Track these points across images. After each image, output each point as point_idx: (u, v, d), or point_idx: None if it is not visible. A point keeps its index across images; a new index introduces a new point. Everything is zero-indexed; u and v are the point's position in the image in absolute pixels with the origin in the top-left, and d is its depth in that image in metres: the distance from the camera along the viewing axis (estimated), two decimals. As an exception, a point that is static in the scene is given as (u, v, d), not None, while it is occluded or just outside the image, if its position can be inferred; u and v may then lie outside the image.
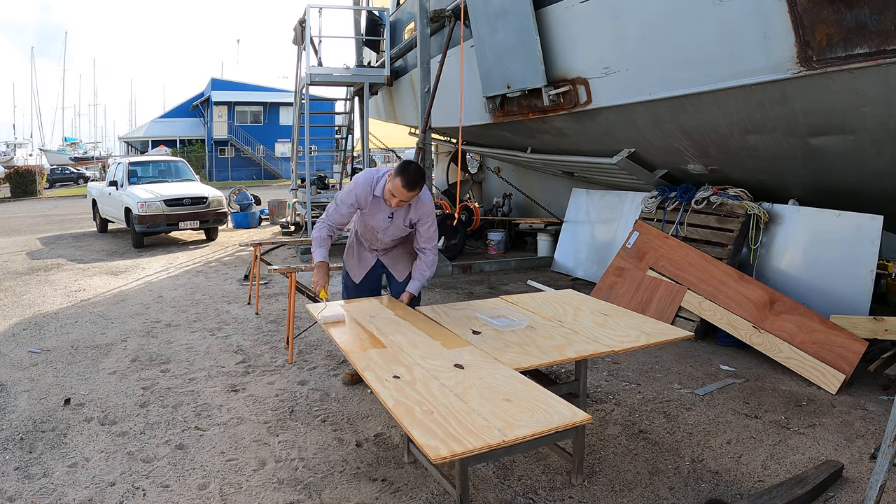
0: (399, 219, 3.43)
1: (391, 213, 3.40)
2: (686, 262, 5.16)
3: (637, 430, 3.37)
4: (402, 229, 3.48)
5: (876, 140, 4.13)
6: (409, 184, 3.13)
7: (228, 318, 5.79)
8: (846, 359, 3.98)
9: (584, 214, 7.68)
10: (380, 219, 3.43)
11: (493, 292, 6.66)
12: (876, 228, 4.63)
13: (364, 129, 10.67)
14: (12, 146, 53.53)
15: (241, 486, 2.84)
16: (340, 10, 15.52)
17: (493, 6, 6.12)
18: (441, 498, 2.72)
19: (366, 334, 2.94)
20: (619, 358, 4.52)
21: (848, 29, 3.55)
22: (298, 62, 11.30)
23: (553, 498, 2.72)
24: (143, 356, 4.70)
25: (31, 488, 2.84)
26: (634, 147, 6.04)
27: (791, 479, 2.75)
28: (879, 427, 3.38)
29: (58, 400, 3.86)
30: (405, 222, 3.45)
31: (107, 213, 12.24)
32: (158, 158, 13.46)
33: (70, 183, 35.83)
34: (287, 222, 12.06)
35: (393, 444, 3.21)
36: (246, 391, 3.98)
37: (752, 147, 4.92)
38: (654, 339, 2.90)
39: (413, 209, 3.40)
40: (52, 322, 5.73)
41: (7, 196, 25.80)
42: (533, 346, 2.77)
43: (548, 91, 5.78)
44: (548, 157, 7.50)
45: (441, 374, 2.43)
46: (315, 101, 16.25)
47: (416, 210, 3.40)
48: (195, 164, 25.64)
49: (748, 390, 3.94)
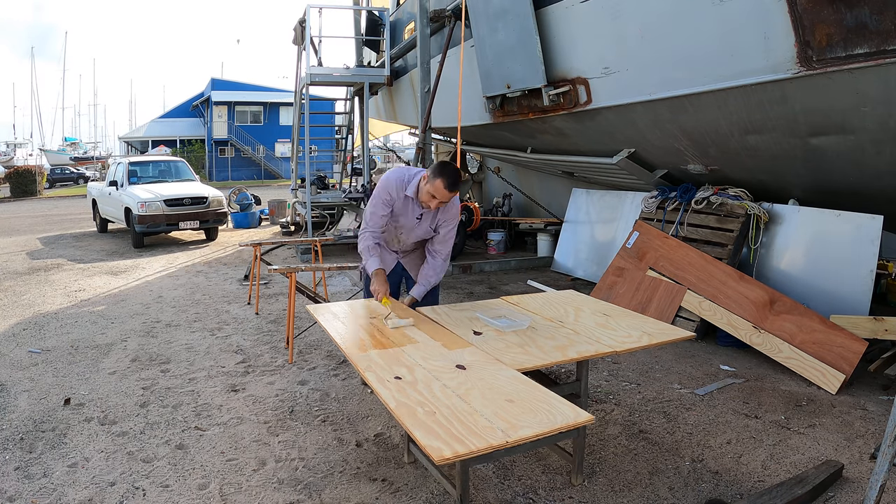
0: (426, 221, 3.40)
1: (420, 214, 3.38)
2: (686, 262, 5.16)
3: (637, 430, 3.37)
4: (427, 231, 3.44)
5: (876, 140, 4.13)
6: (452, 184, 3.13)
7: (228, 318, 5.79)
8: (846, 359, 3.98)
9: (584, 214, 7.68)
10: (408, 219, 3.40)
11: (493, 292, 6.66)
12: (876, 228, 4.63)
13: (364, 129, 10.66)
14: (12, 146, 53.50)
15: (241, 486, 2.84)
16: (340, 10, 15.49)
17: (493, 6, 6.12)
18: (441, 498, 2.72)
19: (367, 335, 2.94)
20: (619, 358, 4.52)
21: (848, 29, 3.55)
22: (298, 62, 11.30)
23: (553, 498, 2.72)
24: (143, 356, 4.70)
25: (31, 488, 2.84)
26: (634, 147, 6.04)
27: (791, 479, 2.75)
28: (879, 427, 3.39)
29: (58, 400, 3.86)
30: (432, 224, 3.42)
31: (107, 213, 12.24)
32: (158, 158, 13.46)
33: (70, 183, 35.82)
34: (287, 222, 12.05)
35: (393, 444, 3.21)
36: (246, 391, 3.98)
37: (752, 147, 4.92)
38: (655, 339, 2.90)
39: (443, 211, 3.36)
40: (52, 322, 5.73)
41: (7, 196, 25.79)
42: (534, 347, 2.77)
43: (548, 91, 5.78)
44: (548, 157, 7.50)
45: (443, 374, 2.43)
46: (315, 101, 16.26)
47: (444, 213, 3.37)
48: (195, 164, 25.60)
49: (748, 390, 3.94)
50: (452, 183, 3.13)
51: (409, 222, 3.41)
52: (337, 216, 10.88)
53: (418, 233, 3.44)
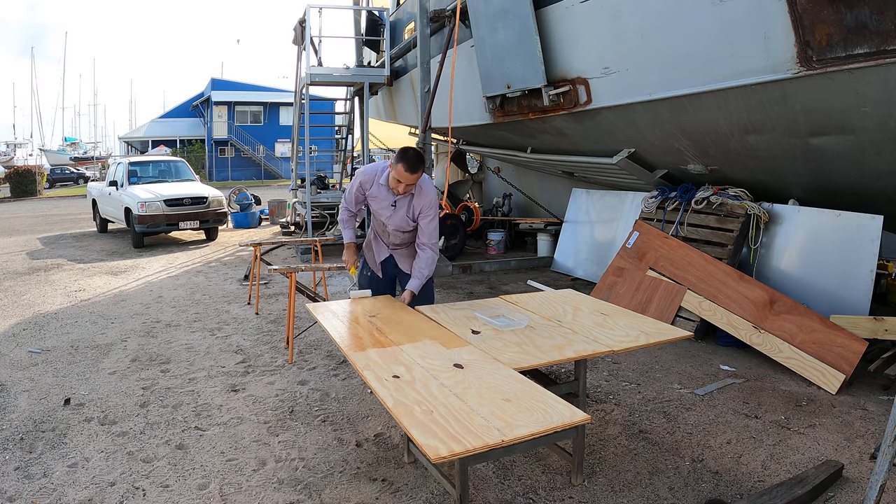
0: (402, 208, 3.54)
1: (394, 202, 3.54)
2: (686, 262, 5.16)
3: (637, 430, 3.37)
4: (405, 221, 3.58)
5: (876, 140, 4.13)
6: (411, 166, 3.29)
7: (228, 318, 5.79)
8: (846, 359, 3.98)
9: (584, 214, 7.68)
10: (384, 206, 3.58)
11: (492, 292, 6.65)
12: (876, 228, 4.63)
13: (364, 129, 10.67)
14: (12, 146, 53.53)
15: (241, 486, 2.84)
16: (340, 10, 15.52)
17: (493, 6, 6.12)
18: (441, 498, 2.72)
19: (365, 334, 2.94)
20: (619, 358, 4.51)
21: (848, 29, 3.55)
22: (298, 62, 11.30)
23: (553, 498, 2.72)
24: (143, 356, 4.70)
25: (31, 488, 2.84)
26: (634, 147, 6.04)
27: (791, 479, 2.75)
28: (879, 427, 3.38)
29: (58, 400, 3.86)
30: (408, 213, 3.55)
31: (107, 213, 12.25)
32: (158, 158, 13.46)
33: (70, 183, 35.84)
34: (287, 222, 12.06)
35: (393, 444, 3.21)
36: (246, 391, 3.98)
37: (752, 147, 4.92)
38: (653, 338, 2.90)
39: (416, 198, 3.51)
40: (52, 322, 5.73)
41: (7, 196, 25.81)
42: (532, 346, 2.77)
43: (548, 91, 5.78)
44: (548, 157, 7.50)
45: (440, 373, 2.43)
46: (315, 101, 16.25)
47: (419, 200, 3.51)
48: (195, 164, 25.62)
49: (748, 390, 3.94)
50: (411, 165, 3.29)
51: (386, 210, 3.58)
52: (337, 216, 10.88)
53: (397, 221, 3.57)
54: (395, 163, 3.33)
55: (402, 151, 3.38)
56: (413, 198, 3.51)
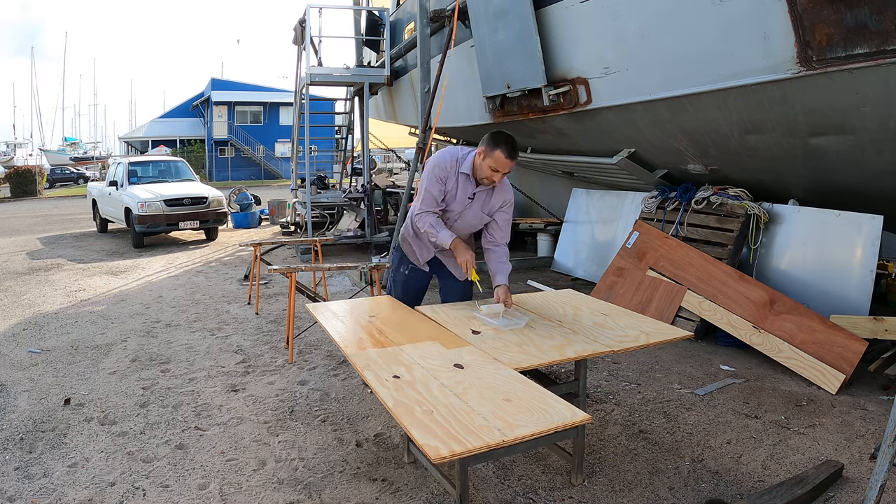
0: (479, 202, 3.21)
1: (473, 194, 3.18)
2: (686, 262, 5.16)
3: (637, 430, 3.37)
4: (478, 216, 3.27)
5: (876, 140, 4.13)
6: (512, 152, 2.99)
7: (228, 318, 5.79)
8: (846, 359, 3.98)
9: (584, 214, 7.68)
10: (459, 200, 3.20)
11: (492, 292, 6.64)
12: (876, 228, 4.63)
13: (364, 129, 10.66)
14: (12, 146, 53.54)
15: (241, 486, 2.84)
16: (340, 10, 15.51)
17: (493, 6, 6.12)
18: (441, 498, 2.72)
19: (365, 334, 2.94)
20: (619, 358, 4.51)
21: (848, 29, 3.55)
22: (298, 62, 11.30)
23: (553, 498, 2.72)
24: (143, 356, 4.70)
25: (31, 488, 2.84)
26: (634, 147, 6.04)
27: (791, 479, 2.75)
28: (879, 427, 3.38)
29: (58, 400, 3.86)
30: (484, 208, 3.24)
31: (107, 213, 12.25)
32: (158, 158, 13.47)
33: (70, 183, 35.83)
34: (287, 222, 12.06)
35: (393, 444, 3.21)
36: (246, 391, 3.98)
37: (752, 147, 4.92)
38: (653, 338, 2.90)
39: (496, 193, 3.22)
40: (52, 322, 5.73)
41: (7, 196, 25.80)
42: (532, 346, 2.77)
43: (548, 91, 5.78)
44: (548, 157, 7.50)
45: (441, 373, 2.43)
46: (315, 101, 16.26)
47: (500, 194, 3.21)
48: (195, 164, 25.58)
49: (748, 390, 3.94)
50: (512, 149, 2.98)
51: (460, 205, 3.21)
52: (337, 216, 10.88)
53: (468, 217, 3.23)
54: (489, 149, 2.97)
55: (496, 135, 3.01)
56: (493, 193, 3.17)
